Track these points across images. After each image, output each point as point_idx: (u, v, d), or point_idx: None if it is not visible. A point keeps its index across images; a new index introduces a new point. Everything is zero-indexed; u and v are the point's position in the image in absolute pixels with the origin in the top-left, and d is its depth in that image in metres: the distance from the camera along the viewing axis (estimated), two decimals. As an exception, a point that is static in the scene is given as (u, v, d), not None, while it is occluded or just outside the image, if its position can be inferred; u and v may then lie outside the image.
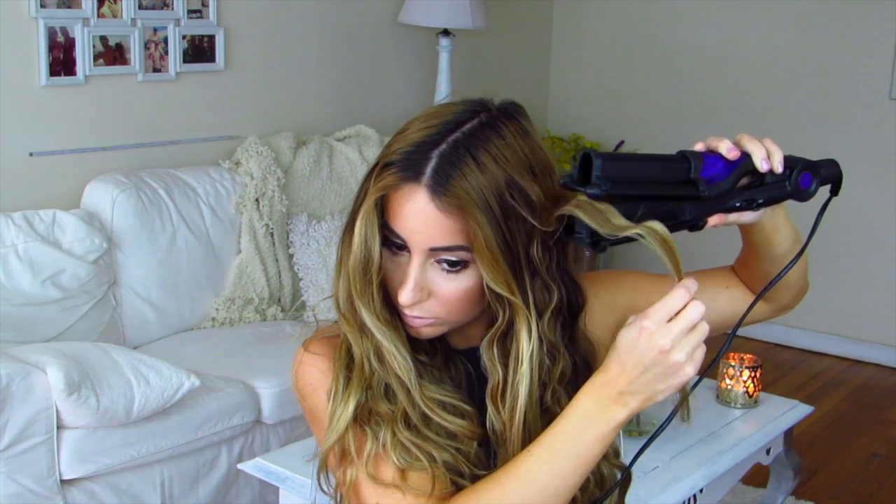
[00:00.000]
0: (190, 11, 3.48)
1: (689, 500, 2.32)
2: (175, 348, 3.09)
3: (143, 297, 3.17)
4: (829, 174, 1.09)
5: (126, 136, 3.36)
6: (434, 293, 1.06)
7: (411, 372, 1.09)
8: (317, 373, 1.15)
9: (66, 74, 3.16)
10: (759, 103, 4.64)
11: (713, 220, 1.04)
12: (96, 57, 3.23)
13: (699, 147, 1.04)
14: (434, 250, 1.03)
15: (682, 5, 4.81)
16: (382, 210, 1.05)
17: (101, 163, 3.27)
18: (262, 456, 2.33)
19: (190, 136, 3.55)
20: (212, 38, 3.56)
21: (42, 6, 3.06)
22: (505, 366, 1.08)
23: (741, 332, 1.18)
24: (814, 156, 1.11)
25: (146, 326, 3.18)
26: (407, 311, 1.07)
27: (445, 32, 4.10)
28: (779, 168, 1.04)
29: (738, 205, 1.05)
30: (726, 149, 1.02)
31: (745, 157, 1.03)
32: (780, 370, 4.37)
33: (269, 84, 3.81)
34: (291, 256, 3.55)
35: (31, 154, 3.13)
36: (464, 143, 1.02)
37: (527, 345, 1.05)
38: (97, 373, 2.44)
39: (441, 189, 1.00)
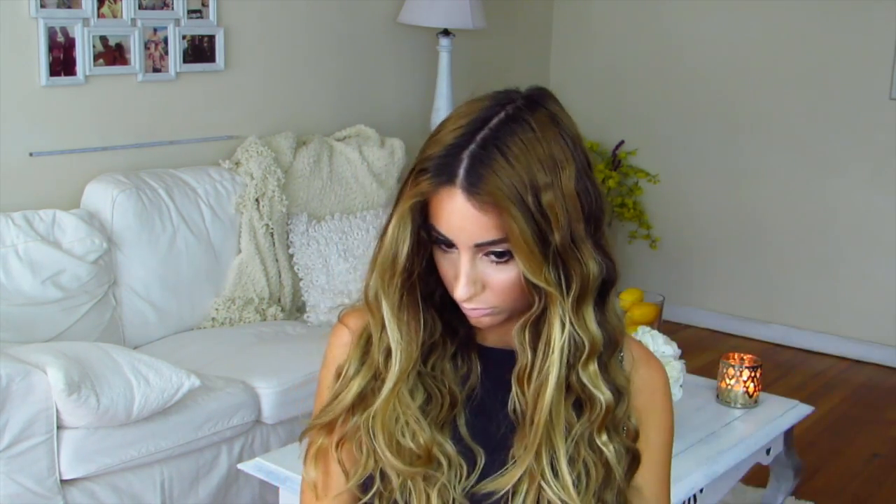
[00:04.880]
0: (190, 11, 3.47)
1: (689, 500, 2.32)
2: (175, 348, 3.09)
3: (143, 297, 3.17)
4: None
5: (126, 136, 3.36)
6: (488, 284, 1.09)
7: (394, 378, 1.12)
8: (339, 347, 1.21)
9: (66, 74, 3.16)
10: (759, 103, 4.64)
11: None
12: (96, 57, 3.23)
13: None
14: (479, 246, 1.06)
15: (683, 5, 4.81)
16: (426, 213, 1.09)
17: (101, 163, 3.27)
18: (262, 456, 2.32)
19: (190, 136, 3.55)
20: (212, 38, 3.56)
21: (42, 6, 3.06)
22: (534, 350, 1.10)
23: (741, 332, 1.15)
24: (813, 155, 1.10)
25: (146, 326, 3.18)
26: (466, 305, 1.10)
27: (445, 32, 4.10)
28: None
29: None
30: None
31: None
32: (780, 370, 4.37)
33: (269, 84, 3.81)
34: (291, 256, 3.55)
35: (31, 154, 3.13)
36: (492, 140, 1.04)
37: (559, 334, 1.07)
38: (97, 373, 2.44)
39: (475, 189, 1.03)
